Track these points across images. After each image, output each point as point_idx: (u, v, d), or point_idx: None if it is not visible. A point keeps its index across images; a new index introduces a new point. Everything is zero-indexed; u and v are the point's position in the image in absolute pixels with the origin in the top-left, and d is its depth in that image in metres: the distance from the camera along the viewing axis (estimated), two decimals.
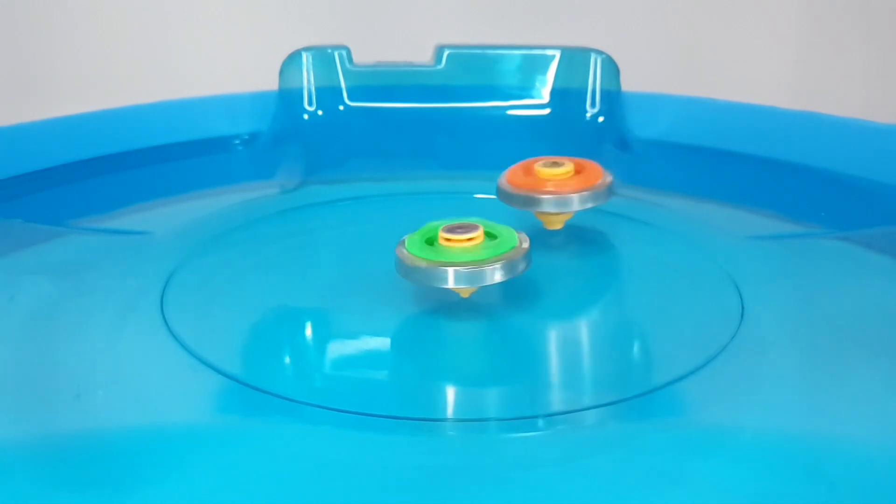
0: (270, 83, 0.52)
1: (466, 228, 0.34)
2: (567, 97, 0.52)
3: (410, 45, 0.56)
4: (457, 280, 0.34)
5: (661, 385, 0.31)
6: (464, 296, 0.35)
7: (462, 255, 0.34)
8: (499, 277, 0.34)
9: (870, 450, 0.29)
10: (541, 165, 0.39)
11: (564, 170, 0.39)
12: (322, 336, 0.36)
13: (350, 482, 0.27)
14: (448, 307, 0.35)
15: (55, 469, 0.28)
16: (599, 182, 0.39)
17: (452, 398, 0.32)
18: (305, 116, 0.52)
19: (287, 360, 0.34)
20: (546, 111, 0.52)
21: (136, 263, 0.39)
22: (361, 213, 0.45)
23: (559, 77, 0.52)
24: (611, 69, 0.51)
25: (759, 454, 0.28)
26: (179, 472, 0.28)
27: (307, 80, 0.52)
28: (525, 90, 0.52)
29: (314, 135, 0.52)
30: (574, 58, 0.52)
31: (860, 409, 0.30)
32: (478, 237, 0.34)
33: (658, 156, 0.50)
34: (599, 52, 0.52)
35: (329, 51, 0.52)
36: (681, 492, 0.27)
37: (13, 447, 0.29)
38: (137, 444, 0.29)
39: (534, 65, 0.52)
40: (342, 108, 0.52)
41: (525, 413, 0.31)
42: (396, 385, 0.33)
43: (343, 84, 0.52)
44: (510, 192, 0.39)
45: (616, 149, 0.50)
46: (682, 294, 0.37)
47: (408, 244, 0.35)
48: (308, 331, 0.36)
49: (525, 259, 0.34)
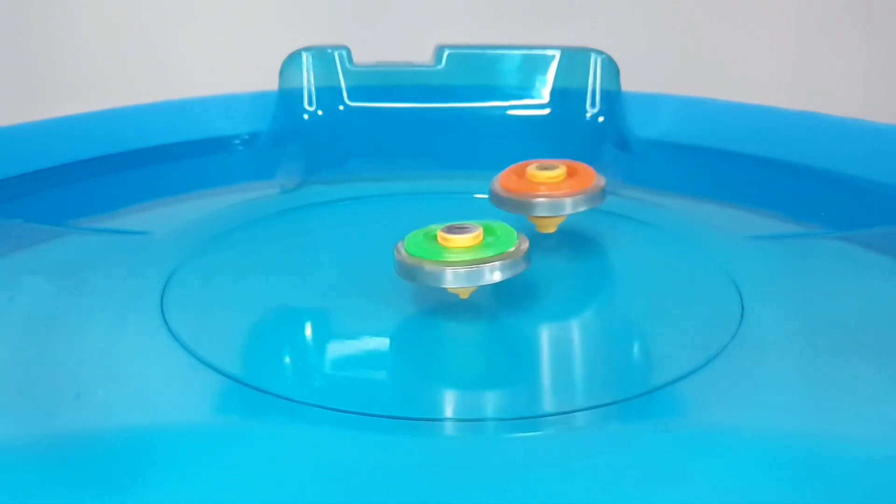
0: (270, 83, 0.52)
1: (465, 228, 0.34)
2: (567, 97, 0.52)
3: (410, 45, 0.56)
4: (456, 279, 0.33)
5: (661, 385, 0.31)
6: (463, 296, 0.35)
7: (461, 255, 0.34)
8: (498, 277, 0.34)
9: (870, 450, 0.29)
10: (533, 168, 0.39)
11: (557, 173, 0.39)
12: (322, 336, 0.36)
13: (350, 482, 0.27)
14: (448, 307, 0.35)
15: (55, 469, 0.28)
16: (592, 185, 0.39)
17: (452, 398, 0.32)
18: (305, 116, 0.52)
19: (287, 360, 0.34)
20: (546, 111, 0.52)
21: (136, 263, 0.39)
22: (361, 213, 0.45)
23: (559, 77, 0.52)
24: (611, 69, 0.51)
25: (759, 454, 0.28)
26: (179, 472, 0.28)
27: (307, 80, 0.52)
28: (525, 90, 0.52)
29: (314, 135, 0.51)
30: (574, 58, 0.52)
31: (860, 409, 0.30)
32: (477, 237, 0.34)
33: (658, 156, 0.50)
34: (599, 52, 0.52)
35: (329, 51, 0.52)
36: (681, 492, 0.27)
37: (13, 447, 0.29)
38: (137, 444, 0.29)
39: (534, 65, 0.52)
40: (342, 108, 0.52)
41: (525, 413, 0.31)
42: (396, 385, 0.33)
43: (343, 84, 0.52)
44: (503, 196, 0.39)
45: (616, 149, 0.50)
46: (682, 294, 0.37)
47: (407, 244, 0.35)
48: (308, 331, 0.36)
49: (524, 259, 0.34)
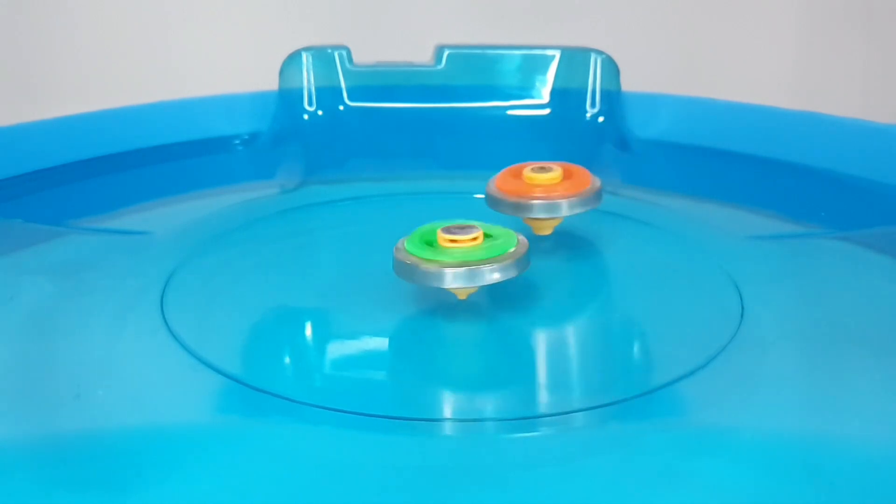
0: (270, 83, 0.52)
1: (465, 229, 0.34)
2: (567, 97, 0.52)
3: (410, 45, 0.56)
4: (455, 280, 0.33)
5: (661, 385, 0.31)
6: (461, 297, 0.35)
7: (460, 256, 0.34)
8: (497, 277, 0.34)
9: (870, 450, 0.29)
10: (529, 171, 0.39)
11: (553, 175, 0.39)
12: (322, 336, 0.36)
13: (350, 482, 0.27)
14: (447, 308, 0.35)
15: (55, 469, 0.28)
16: (588, 187, 0.39)
17: (451, 398, 0.32)
18: (305, 116, 0.52)
19: (287, 360, 0.34)
20: (546, 111, 0.52)
21: (136, 263, 0.39)
22: (361, 213, 0.45)
23: (559, 77, 0.52)
24: (611, 69, 0.51)
25: (759, 454, 0.28)
26: (179, 473, 0.28)
27: (307, 80, 0.52)
28: (525, 90, 0.52)
29: (314, 135, 0.51)
30: (574, 58, 0.52)
31: (860, 409, 0.30)
32: (476, 238, 0.34)
33: (658, 156, 0.50)
34: (599, 52, 0.52)
35: (329, 51, 0.52)
36: (681, 492, 0.27)
37: (13, 447, 0.29)
38: (137, 444, 0.29)
39: (534, 65, 0.52)
40: (342, 108, 0.52)
41: (524, 413, 0.31)
42: (396, 385, 0.33)
43: (343, 84, 0.52)
44: (499, 198, 0.39)
45: (616, 149, 0.50)
46: (682, 294, 0.37)
47: (406, 244, 0.35)
48: (308, 331, 0.36)
49: (524, 260, 0.34)
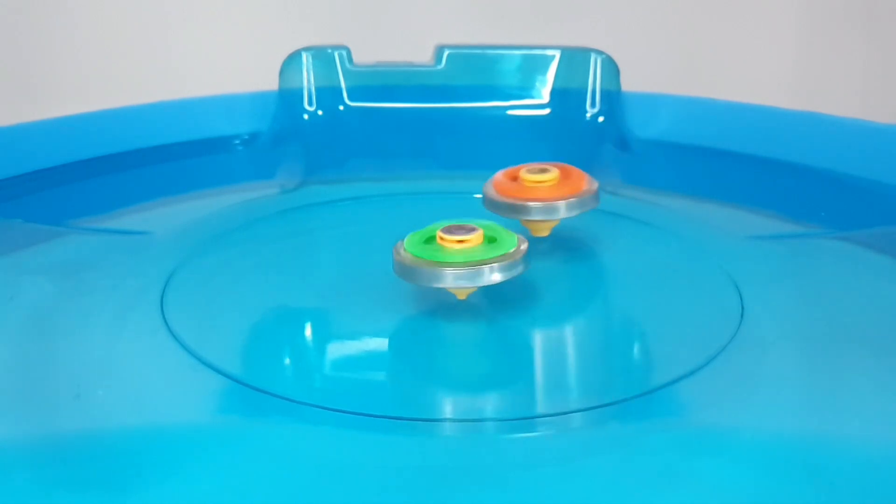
0: (270, 83, 0.52)
1: (465, 229, 0.34)
2: (567, 97, 0.52)
3: (410, 45, 0.56)
4: (455, 280, 0.33)
5: (661, 385, 0.31)
6: (461, 297, 0.35)
7: (460, 256, 0.34)
8: (497, 278, 0.34)
9: (870, 450, 0.29)
10: (526, 172, 0.39)
11: (550, 176, 0.39)
12: (321, 336, 0.36)
13: (350, 482, 0.27)
14: (447, 308, 0.35)
15: (55, 469, 0.28)
16: (586, 188, 0.39)
17: (451, 399, 0.32)
18: (305, 116, 0.52)
19: (287, 361, 0.34)
20: (546, 111, 0.52)
21: (136, 263, 0.39)
22: (361, 213, 0.45)
23: (559, 77, 0.52)
24: (611, 69, 0.51)
25: (759, 454, 0.28)
26: (179, 473, 0.28)
27: (307, 80, 0.52)
28: (525, 90, 0.52)
29: (314, 135, 0.51)
30: (574, 58, 0.52)
31: (860, 409, 0.30)
32: (476, 238, 0.34)
33: (658, 156, 0.50)
34: (599, 52, 0.52)
35: (329, 51, 0.52)
36: (681, 492, 0.27)
37: (13, 447, 0.29)
38: (137, 444, 0.29)
39: (534, 65, 0.52)
40: (342, 108, 0.52)
41: (524, 413, 0.31)
42: (395, 385, 0.33)
43: (343, 84, 0.52)
44: (496, 200, 0.39)
45: (616, 149, 0.50)
46: (682, 294, 0.37)
47: (406, 244, 0.34)
48: (308, 331, 0.36)
49: (524, 260, 0.34)
